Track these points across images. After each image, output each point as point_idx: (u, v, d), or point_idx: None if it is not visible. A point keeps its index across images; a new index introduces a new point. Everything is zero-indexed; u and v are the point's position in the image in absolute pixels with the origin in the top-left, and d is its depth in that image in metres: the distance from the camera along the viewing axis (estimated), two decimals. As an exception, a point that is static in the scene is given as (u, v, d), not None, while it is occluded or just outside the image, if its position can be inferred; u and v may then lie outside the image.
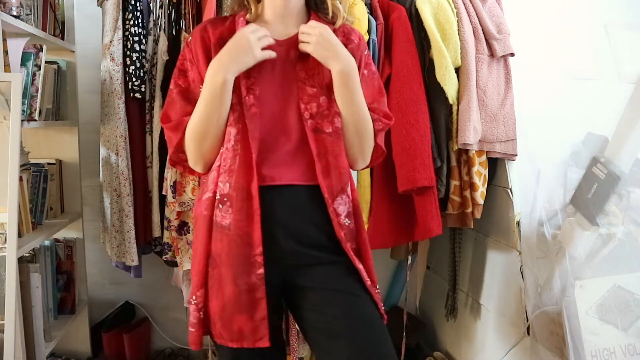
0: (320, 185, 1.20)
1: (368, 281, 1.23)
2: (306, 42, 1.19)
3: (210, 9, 1.76)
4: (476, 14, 1.87)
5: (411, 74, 1.80)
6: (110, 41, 1.86)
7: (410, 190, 1.78)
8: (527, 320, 1.72)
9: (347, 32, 1.30)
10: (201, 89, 1.22)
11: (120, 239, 1.92)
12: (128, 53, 1.87)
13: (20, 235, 1.67)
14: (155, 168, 1.93)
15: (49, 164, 2.10)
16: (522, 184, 1.84)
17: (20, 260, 1.62)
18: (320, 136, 1.20)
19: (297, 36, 1.23)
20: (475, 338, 2.08)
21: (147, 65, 1.91)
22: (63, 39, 2.16)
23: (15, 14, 1.72)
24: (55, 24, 2.10)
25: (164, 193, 1.89)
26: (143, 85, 1.88)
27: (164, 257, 1.95)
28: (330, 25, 1.27)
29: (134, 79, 1.87)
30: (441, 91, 1.79)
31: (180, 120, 1.23)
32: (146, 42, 1.91)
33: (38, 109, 1.84)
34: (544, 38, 1.98)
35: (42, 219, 1.99)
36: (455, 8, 1.84)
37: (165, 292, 2.37)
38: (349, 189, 1.26)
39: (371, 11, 1.89)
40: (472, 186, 1.84)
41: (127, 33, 1.87)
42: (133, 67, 1.86)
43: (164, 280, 2.30)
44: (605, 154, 1.56)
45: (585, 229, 1.57)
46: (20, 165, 1.64)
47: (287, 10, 1.25)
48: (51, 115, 2.04)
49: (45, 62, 1.89)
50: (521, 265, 1.76)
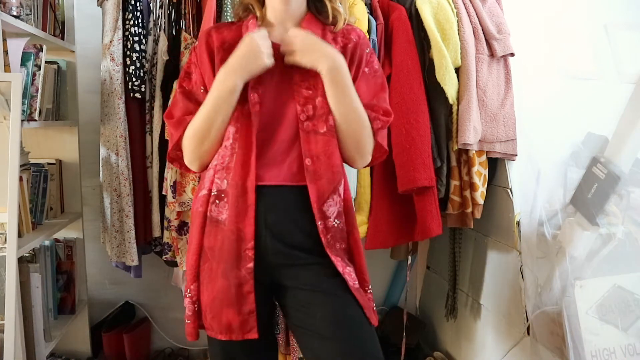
0: (308, 189, 1.20)
1: (353, 283, 1.22)
2: (290, 52, 1.19)
3: (210, 9, 1.76)
4: (476, 14, 1.87)
5: (411, 74, 1.80)
6: (110, 41, 1.86)
7: (410, 190, 1.78)
8: (527, 320, 1.72)
9: (347, 32, 1.30)
10: (202, 92, 1.25)
11: (120, 239, 1.92)
12: (128, 53, 1.87)
13: (20, 235, 1.67)
14: (155, 168, 1.93)
15: (49, 164, 2.10)
16: (522, 184, 1.84)
17: (20, 260, 1.62)
18: (314, 138, 1.21)
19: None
20: (475, 338, 2.08)
21: (147, 65, 1.91)
22: (63, 39, 2.16)
23: (15, 14, 1.72)
24: (55, 24, 2.10)
25: (164, 193, 1.89)
26: (143, 85, 1.88)
27: (164, 257, 1.95)
28: (331, 27, 1.28)
29: (134, 79, 1.87)
30: (441, 91, 1.79)
31: (182, 118, 1.26)
32: (146, 42, 1.91)
33: (38, 109, 1.84)
34: (544, 38, 1.98)
35: (42, 219, 1.99)
36: (455, 8, 1.84)
37: (165, 292, 2.38)
38: (341, 188, 1.26)
39: (371, 11, 1.89)
40: (472, 186, 1.84)
41: (127, 33, 1.87)
42: (133, 67, 1.86)
43: (164, 280, 2.30)
44: (605, 154, 1.56)
45: (585, 229, 1.57)
46: (20, 165, 1.63)
47: (287, 15, 1.26)
48: (51, 115, 2.04)
49: (45, 62, 1.89)
50: (521, 265, 1.76)
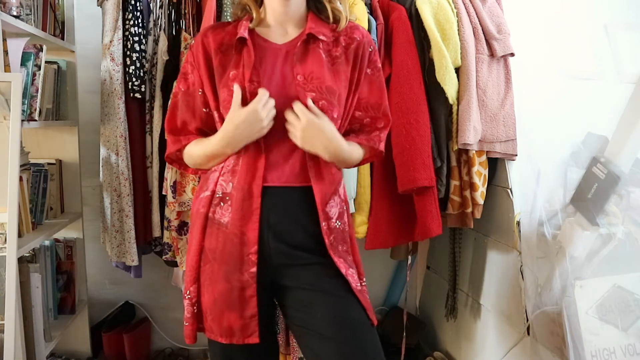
0: (313, 189, 1.21)
1: (356, 285, 1.22)
2: (293, 132, 1.18)
3: (210, 8, 1.76)
4: (476, 14, 1.87)
5: (411, 74, 1.80)
6: (110, 41, 1.86)
7: (410, 190, 1.78)
8: (527, 320, 1.72)
9: (350, 31, 1.29)
10: (200, 94, 1.26)
11: (120, 239, 1.92)
12: (128, 53, 1.87)
13: (20, 235, 1.67)
14: (155, 168, 1.93)
15: (49, 164, 2.10)
16: (522, 184, 1.84)
17: (20, 260, 1.62)
18: None
19: (296, 39, 1.24)
20: (475, 338, 2.08)
21: (147, 65, 1.91)
22: (63, 39, 2.16)
23: (15, 14, 1.72)
24: (55, 24, 2.10)
25: (164, 193, 1.89)
26: (143, 85, 1.88)
27: (164, 257, 1.95)
28: (333, 26, 1.27)
29: (134, 79, 1.87)
30: (441, 91, 1.79)
31: (181, 129, 1.29)
32: (146, 42, 1.91)
33: (38, 109, 1.84)
34: (544, 38, 1.98)
35: (42, 219, 1.99)
36: (455, 8, 1.84)
37: (165, 292, 2.38)
38: (341, 189, 1.28)
39: (371, 11, 1.89)
40: (472, 186, 1.84)
41: (127, 33, 1.87)
42: (133, 67, 1.86)
43: (164, 280, 2.30)
44: (605, 154, 1.56)
45: (585, 229, 1.57)
46: (20, 165, 1.63)
47: (287, 16, 1.26)
48: (51, 115, 2.04)
49: (45, 62, 1.89)
50: (521, 265, 1.76)
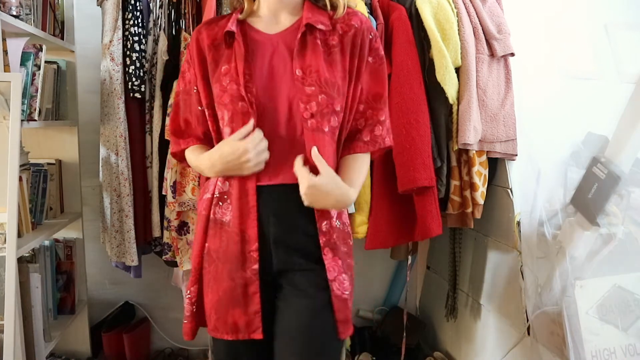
0: None
1: (343, 292, 1.20)
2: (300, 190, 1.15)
3: (210, 8, 1.76)
4: (476, 14, 1.87)
5: (411, 74, 1.79)
6: (110, 41, 1.86)
7: (411, 190, 1.78)
8: (527, 320, 1.72)
9: (348, 18, 1.24)
10: (195, 92, 1.25)
11: (120, 239, 1.92)
12: (128, 53, 1.87)
13: (20, 235, 1.67)
14: (155, 168, 1.93)
15: (48, 164, 2.10)
16: (522, 184, 1.84)
17: (20, 260, 1.62)
18: (318, 136, 1.17)
19: (289, 29, 1.22)
20: (475, 338, 2.08)
21: (147, 65, 1.91)
22: (63, 38, 2.15)
23: (14, 13, 1.71)
24: (55, 23, 2.10)
25: (163, 193, 1.89)
26: (143, 85, 1.88)
27: (164, 257, 1.95)
28: (331, 13, 1.23)
29: (134, 79, 1.86)
30: (441, 91, 1.79)
31: (183, 131, 1.30)
32: (146, 42, 1.91)
33: (38, 109, 1.84)
34: (544, 38, 1.98)
35: (42, 219, 1.98)
36: (455, 8, 1.84)
37: (165, 292, 2.37)
38: None
39: (371, 11, 1.89)
40: (472, 186, 1.84)
41: (127, 33, 1.87)
42: (133, 67, 1.86)
43: (164, 280, 2.30)
44: (605, 154, 1.56)
45: (585, 229, 1.57)
46: (20, 165, 1.63)
47: (282, 4, 1.23)
48: (51, 115, 2.04)
49: (45, 62, 1.88)
50: (521, 265, 1.76)
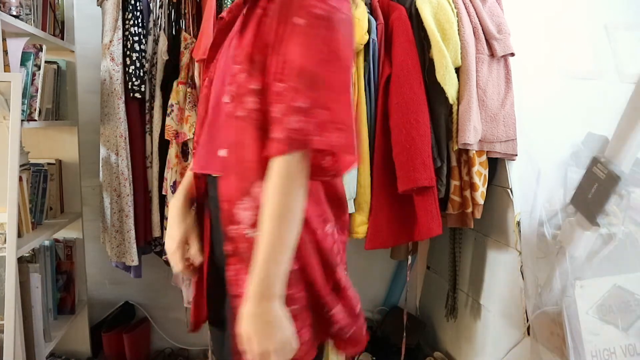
0: (217, 182, 0.98)
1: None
2: None
3: (210, 8, 1.76)
4: (476, 14, 1.87)
5: (411, 74, 1.79)
6: (110, 41, 1.86)
7: (411, 190, 1.78)
8: (527, 320, 1.72)
9: None
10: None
11: (120, 239, 1.92)
12: (128, 53, 1.87)
13: (20, 235, 1.67)
14: (155, 168, 1.93)
15: (48, 164, 2.10)
16: (522, 184, 1.84)
17: (20, 260, 1.62)
18: (231, 122, 0.96)
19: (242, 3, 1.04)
20: (475, 338, 2.08)
21: (147, 65, 1.91)
22: (63, 38, 2.15)
23: (15, 13, 1.71)
24: (55, 23, 2.10)
25: (163, 193, 1.89)
26: (143, 85, 1.88)
27: (164, 257, 1.95)
28: None
29: (134, 79, 1.86)
30: (441, 91, 1.79)
31: None
32: (146, 42, 1.91)
33: (38, 109, 1.84)
34: (544, 38, 1.98)
35: (42, 219, 1.98)
36: (455, 8, 1.84)
37: (165, 292, 2.37)
38: (256, 191, 0.92)
39: (371, 11, 1.89)
40: (472, 186, 1.84)
41: (127, 33, 1.87)
42: (133, 67, 1.86)
43: (164, 280, 2.30)
44: (605, 154, 1.56)
45: (585, 229, 1.57)
46: (20, 165, 1.63)
47: None
48: (51, 115, 2.04)
49: (45, 62, 1.88)
50: (521, 265, 1.76)
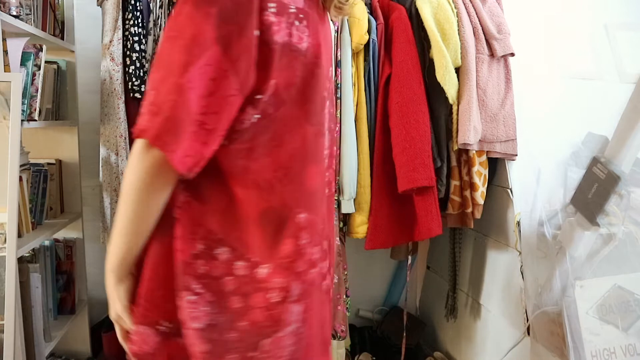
0: None
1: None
2: None
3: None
4: (476, 14, 1.87)
5: (411, 74, 1.80)
6: (110, 41, 1.86)
7: (410, 190, 1.78)
8: (527, 320, 1.72)
9: None
10: None
11: (120, 239, 1.92)
12: (128, 53, 1.87)
13: (20, 235, 1.66)
14: (155, 168, 1.93)
15: (49, 164, 2.10)
16: (522, 184, 1.84)
17: (20, 260, 1.62)
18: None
19: None
20: (475, 338, 2.08)
21: (147, 65, 1.91)
22: (63, 39, 2.15)
23: (15, 13, 1.71)
24: (55, 23, 2.10)
25: (163, 193, 1.88)
26: (143, 85, 1.88)
27: (163, 257, 1.95)
28: None
29: (134, 79, 1.87)
30: (441, 91, 1.79)
31: None
32: (146, 42, 1.91)
33: (38, 109, 1.84)
34: (544, 38, 1.98)
35: (42, 219, 1.98)
36: (455, 8, 1.84)
37: (165, 292, 2.37)
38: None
39: (371, 11, 1.89)
40: (472, 186, 1.84)
41: (127, 33, 1.87)
42: (133, 67, 1.86)
43: (164, 280, 2.30)
44: (605, 154, 1.56)
45: (585, 229, 1.57)
46: (20, 165, 1.63)
47: None
48: (51, 115, 2.04)
49: (45, 62, 1.88)
50: (521, 265, 1.76)
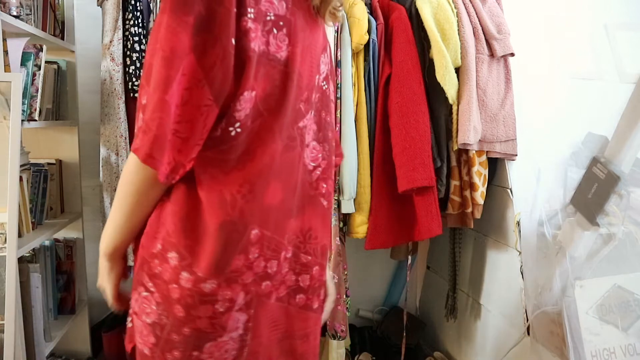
0: None
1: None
2: None
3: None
4: (476, 14, 1.87)
5: (411, 74, 1.80)
6: (110, 41, 1.86)
7: (410, 190, 1.78)
8: (527, 320, 1.72)
9: None
10: None
11: (120, 239, 1.92)
12: (128, 53, 1.87)
13: (20, 235, 1.67)
14: (155, 168, 1.93)
15: (49, 164, 2.10)
16: (522, 184, 1.84)
17: (20, 260, 1.62)
18: None
19: None
20: (475, 338, 2.08)
21: (147, 65, 1.91)
22: (63, 39, 2.15)
23: (15, 14, 1.71)
24: (55, 23, 2.10)
25: (164, 193, 1.88)
26: (143, 85, 1.88)
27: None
28: None
29: (134, 79, 1.87)
30: (441, 91, 1.79)
31: None
32: (146, 42, 1.91)
33: (38, 109, 1.84)
34: (544, 38, 1.98)
35: (42, 219, 1.98)
36: (455, 8, 1.84)
37: (165, 292, 2.37)
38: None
39: (371, 11, 1.89)
40: (472, 186, 1.84)
41: (127, 33, 1.87)
42: (133, 67, 1.86)
43: (164, 280, 2.30)
44: (605, 154, 1.56)
45: (585, 229, 1.57)
46: (20, 165, 1.63)
47: None
48: (51, 115, 2.04)
49: (45, 62, 1.88)
50: (521, 265, 1.76)
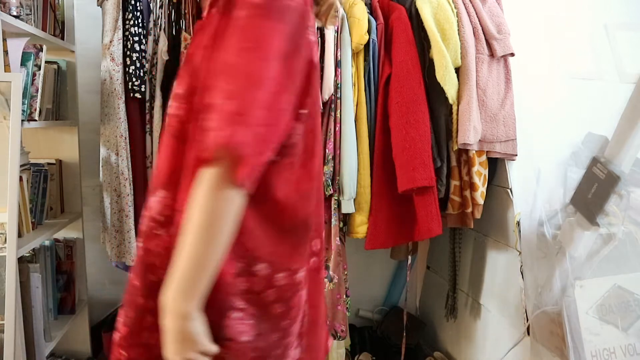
0: None
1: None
2: None
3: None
4: (476, 14, 1.87)
5: (411, 74, 1.80)
6: (110, 41, 1.86)
7: (410, 190, 1.78)
8: (527, 320, 1.72)
9: None
10: None
11: (120, 239, 1.92)
12: (128, 53, 1.87)
13: (20, 235, 1.67)
14: (155, 168, 1.93)
15: (49, 164, 2.10)
16: (522, 184, 1.84)
17: (20, 260, 1.62)
18: (163, 140, 0.98)
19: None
20: (475, 338, 2.08)
21: (147, 65, 1.91)
22: (63, 39, 2.15)
23: (15, 14, 1.71)
24: (55, 24, 2.10)
25: (164, 193, 1.88)
26: (143, 85, 1.88)
27: (164, 257, 1.95)
28: None
29: (134, 79, 1.87)
30: (441, 91, 1.79)
31: None
32: (146, 42, 1.91)
33: (38, 109, 1.84)
34: (544, 38, 1.99)
35: (42, 219, 1.98)
36: (455, 8, 1.84)
37: (165, 292, 2.37)
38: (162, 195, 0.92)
39: (371, 11, 1.89)
40: (472, 186, 1.84)
41: (127, 33, 1.87)
42: (133, 67, 1.86)
43: (164, 280, 2.30)
44: (605, 154, 1.56)
45: (585, 229, 1.57)
46: (20, 165, 1.63)
47: None
48: (51, 115, 2.04)
49: (45, 62, 1.88)
50: (521, 265, 1.76)
